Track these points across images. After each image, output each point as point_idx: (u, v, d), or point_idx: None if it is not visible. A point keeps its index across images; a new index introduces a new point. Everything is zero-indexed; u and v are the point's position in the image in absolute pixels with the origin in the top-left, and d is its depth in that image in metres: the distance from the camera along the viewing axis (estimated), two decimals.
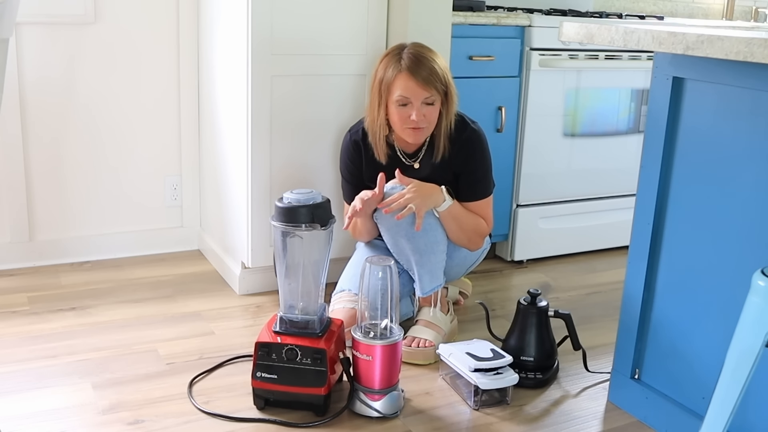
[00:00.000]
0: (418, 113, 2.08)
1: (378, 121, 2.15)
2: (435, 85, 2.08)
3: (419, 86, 2.07)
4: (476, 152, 2.20)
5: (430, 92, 2.08)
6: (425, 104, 2.09)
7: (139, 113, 2.79)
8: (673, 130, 1.75)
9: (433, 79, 2.07)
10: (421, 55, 2.09)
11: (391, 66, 2.11)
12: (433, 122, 2.13)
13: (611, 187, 3.10)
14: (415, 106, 2.08)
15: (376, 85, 2.15)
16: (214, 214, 2.80)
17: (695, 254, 1.73)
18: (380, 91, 2.13)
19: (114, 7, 2.66)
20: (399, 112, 2.10)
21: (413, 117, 2.08)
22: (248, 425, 1.80)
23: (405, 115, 2.09)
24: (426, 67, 2.07)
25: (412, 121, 2.09)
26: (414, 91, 2.07)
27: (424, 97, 2.08)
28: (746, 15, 4.34)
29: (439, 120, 2.15)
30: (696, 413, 1.75)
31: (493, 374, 1.91)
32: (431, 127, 2.14)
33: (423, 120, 2.09)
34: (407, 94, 2.08)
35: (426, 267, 2.15)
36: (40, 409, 1.81)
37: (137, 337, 2.20)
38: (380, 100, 2.13)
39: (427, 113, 2.10)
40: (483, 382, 1.89)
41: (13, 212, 2.67)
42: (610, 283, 2.83)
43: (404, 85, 2.08)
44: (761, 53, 1.31)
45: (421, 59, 2.08)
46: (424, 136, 2.16)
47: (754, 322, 1.23)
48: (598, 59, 2.92)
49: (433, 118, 2.12)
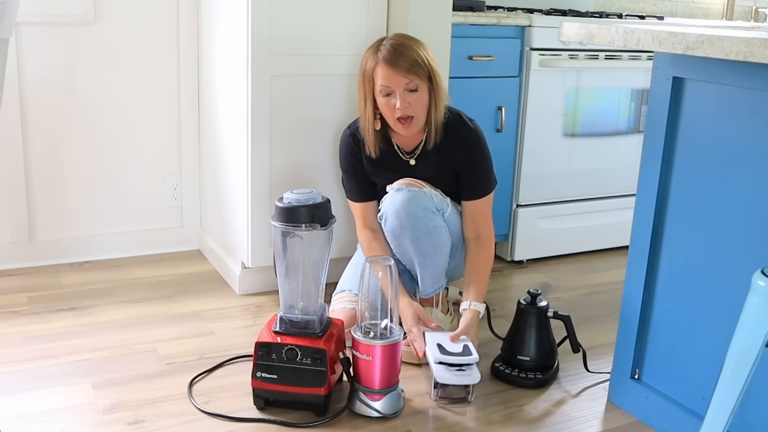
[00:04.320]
0: (402, 101, 2.07)
1: (366, 114, 2.15)
2: (415, 71, 2.07)
3: (398, 74, 2.06)
4: (474, 150, 2.20)
5: (410, 78, 2.07)
6: (408, 91, 2.08)
7: (138, 113, 2.79)
8: (673, 130, 1.75)
9: (412, 66, 2.07)
10: (399, 44, 2.09)
11: (371, 57, 2.12)
12: (421, 111, 2.11)
13: (611, 187, 3.10)
14: (397, 93, 2.07)
15: (360, 78, 2.16)
16: (214, 214, 2.80)
17: (695, 254, 1.73)
18: (364, 84, 2.14)
19: (114, 7, 2.66)
20: (385, 104, 2.10)
21: (397, 105, 2.07)
22: (248, 425, 1.80)
23: (391, 105, 2.09)
24: (403, 55, 2.07)
25: (398, 110, 2.08)
26: (393, 79, 2.07)
27: (404, 83, 2.07)
28: (746, 15, 4.34)
29: (428, 107, 2.14)
30: (696, 413, 1.75)
31: (455, 370, 1.90)
32: (420, 117, 2.12)
33: (408, 108, 2.08)
34: (387, 83, 2.08)
35: (429, 269, 2.15)
36: (40, 409, 1.81)
37: (137, 337, 2.20)
38: (365, 92, 2.14)
39: (411, 101, 2.08)
40: (442, 376, 1.89)
41: (13, 212, 2.67)
42: (610, 283, 2.83)
43: (383, 74, 2.08)
44: (761, 53, 1.31)
45: (399, 48, 2.08)
46: (417, 127, 2.14)
47: (754, 322, 1.23)
48: (598, 59, 2.92)
49: (419, 105, 2.10)
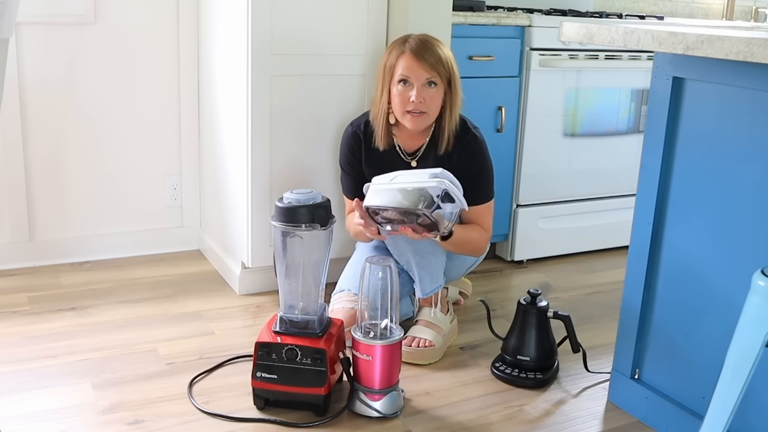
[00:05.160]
0: (418, 94, 2.07)
1: (380, 104, 2.16)
2: (437, 68, 2.08)
3: (421, 66, 2.07)
4: (476, 157, 2.20)
5: (432, 74, 2.07)
6: (426, 86, 2.09)
7: (138, 113, 2.79)
8: (673, 130, 1.75)
9: (436, 63, 2.08)
10: (427, 41, 2.11)
11: (395, 50, 2.13)
12: (434, 110, 2.12)
13: (611, 187, 3.10)
14: (415, 86, 2.08)
15: (380, 70, 2.17)
16: (214, 214, 2.80)
17: (695, 254, 1.73)
18: (384, 75, 2.15)
19: (114, 7, 2.66)
20: (400, 93, 2.10)
21: (413, 98, 2.07)
22: (248, 425, 1.80)
23: (405, 96, 2.09)
24: (430, 50, 2.08)
25: (411, 103, 2.08)
26: (415, 70, 2.07)
27: (425, 77, 2.07)
28: (746, 15, 4.34)
29: (443, 112, 2.15)
30: (696, 413, 1.75)
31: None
32: (431, 115, 2.12)
33: (423, 103, 2.08)
34: (408, 73, 2.08)
35: (426, 268, 2.15)
36: (40, 409, 1.81)
37: (137, 337, 2.20)
38: (383, 84, 2.15)
39: (427, 97, 2.08)
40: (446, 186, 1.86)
41: (13, 212, 2.67)
42: (610, 283, 2.83)
43: (406, 65, 2.08)
44: (761, 53, 1.31)
45: (427, 44, 2.10)
46: (425, 124, 2.14)
47: (754, 322, 1.23)
48: (598, 59, 2.92)
49: (434, 104, 2.11)
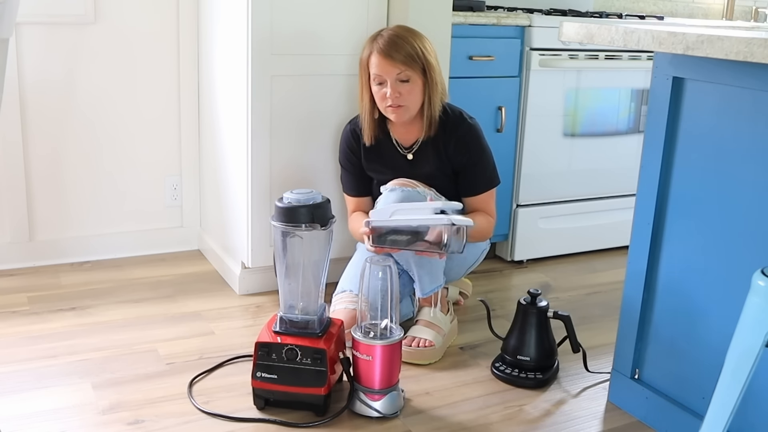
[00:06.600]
0: (392, 91, 2.12)
1: (363, 101, 2.22)
2: (408, 63, 2.11)
3: (390, 64, 2.11)
4: (472, 146, 2.22)
5: (401, 69, 2.11)
6: (399, 82, 2.12)
7: (138, 113, 2.79)
8: (673, 130, 1.75)
9: (405, 58, 2.11)
10: (396, 35, 2.14)
11: (368, 47, 2.18)
12: (414, 101, 2.16)
13: (611, 187, 3.10)
14: (389, 83, 2.12)
15: (359, 66, 2.22)
16: (214, 214, 2.80)
17: (695, 254, 1.73)
18: (361, 73, 2.20)
19: (114, 7, 2.66)
20: (377, 92, 2.16)
21: (387, 94, 2.13)
22: (248, 425, 1.80)
23: (382, 94, 2.15)
24: (398, 46, 2.11)
25: (388, 99, 2.14)
26: (385, 68, 2.12)
27: (395, 74, 2.12)
28: (746, 15, 4.33)
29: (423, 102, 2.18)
30: (696, 413, 1.75)
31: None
32: (412, 106, 2.16)
33: (398, 98, 2.13)
34: (379, 72, 2.13)
35: (426, 268, 2.15)
36: (40, 409, 1.81)
37: (137, 337, 2.20)
38: (362, 81, 2.20)
39: (402, 91, 2.13)
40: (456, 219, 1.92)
41: (13, 212, 2.67)
42: (610, 283, 2.83)
43: (376, 64, 2.13)
44: (761, 53, 1.31)
45: (395, 39, 2.13)
46: (407, 115, 2.18)
47: (754, 322, 1.23)
48: (598, 59, 2.92)
49: (411, 96, 2.14)
